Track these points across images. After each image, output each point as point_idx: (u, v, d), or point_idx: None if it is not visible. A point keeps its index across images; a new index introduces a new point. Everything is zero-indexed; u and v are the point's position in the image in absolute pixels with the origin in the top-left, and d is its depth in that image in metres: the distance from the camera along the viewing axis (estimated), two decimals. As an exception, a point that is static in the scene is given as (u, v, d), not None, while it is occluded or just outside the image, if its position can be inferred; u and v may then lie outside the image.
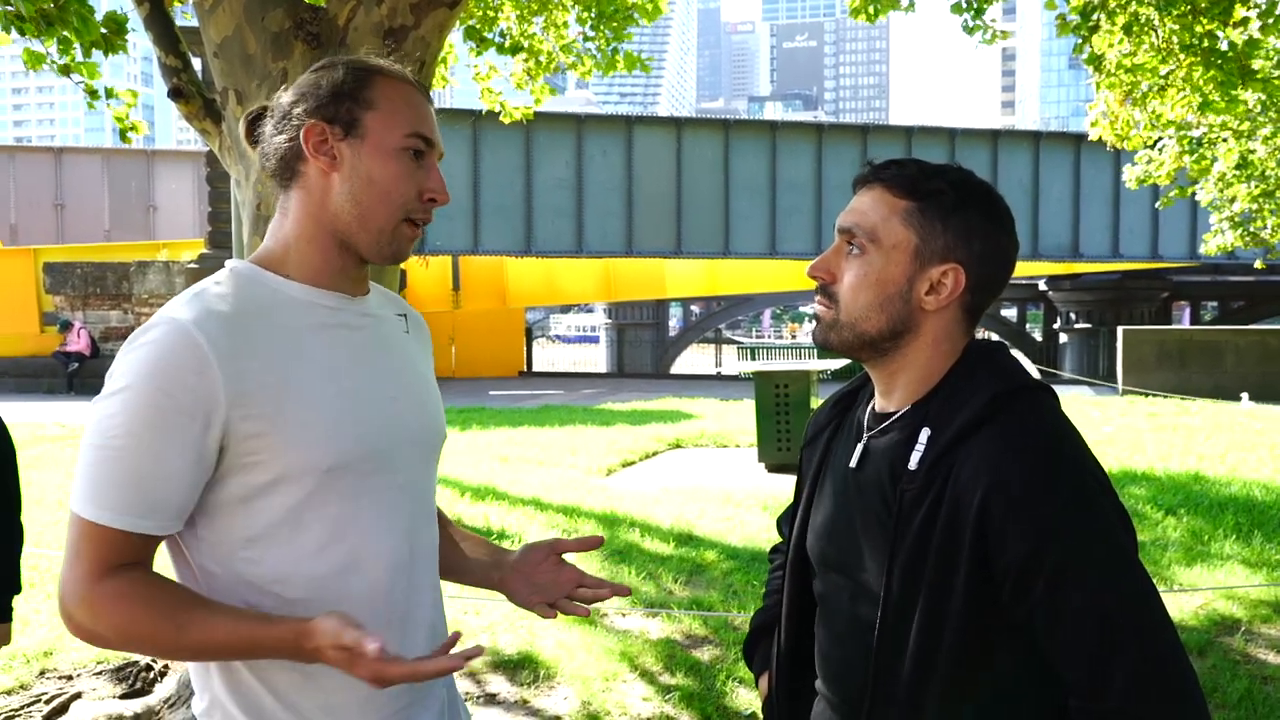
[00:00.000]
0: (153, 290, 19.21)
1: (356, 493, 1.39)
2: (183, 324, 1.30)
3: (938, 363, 1.41)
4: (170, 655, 1.36)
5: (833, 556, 1.49)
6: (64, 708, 4.01)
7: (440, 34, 3.66)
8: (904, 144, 22.34)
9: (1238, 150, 12.00)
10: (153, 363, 1.28)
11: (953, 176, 1.40)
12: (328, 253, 1.43)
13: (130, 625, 1.30)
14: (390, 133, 1.41)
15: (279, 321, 1.38)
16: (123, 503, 1.29)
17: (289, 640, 1.30)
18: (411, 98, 1.44)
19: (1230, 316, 38.08)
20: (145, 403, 1.28)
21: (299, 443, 1.34)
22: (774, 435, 9.71)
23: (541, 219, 20.95)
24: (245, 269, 1.42)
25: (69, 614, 1.31)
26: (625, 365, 38.04)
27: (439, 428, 1.57)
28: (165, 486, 1.30)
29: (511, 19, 8.05)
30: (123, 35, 4.61)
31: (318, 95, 1.41)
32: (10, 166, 31.00)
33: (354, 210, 1.40)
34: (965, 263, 1.38)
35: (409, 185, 1.42)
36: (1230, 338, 17.85)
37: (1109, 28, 7.92)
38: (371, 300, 1.51)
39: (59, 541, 6.60)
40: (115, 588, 1.30)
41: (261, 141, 1.46)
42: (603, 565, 6.00)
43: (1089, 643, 1.24)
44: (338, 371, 1.40)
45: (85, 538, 1.30)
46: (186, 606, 1.32)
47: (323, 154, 1.40)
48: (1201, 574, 5.80)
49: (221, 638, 1.30)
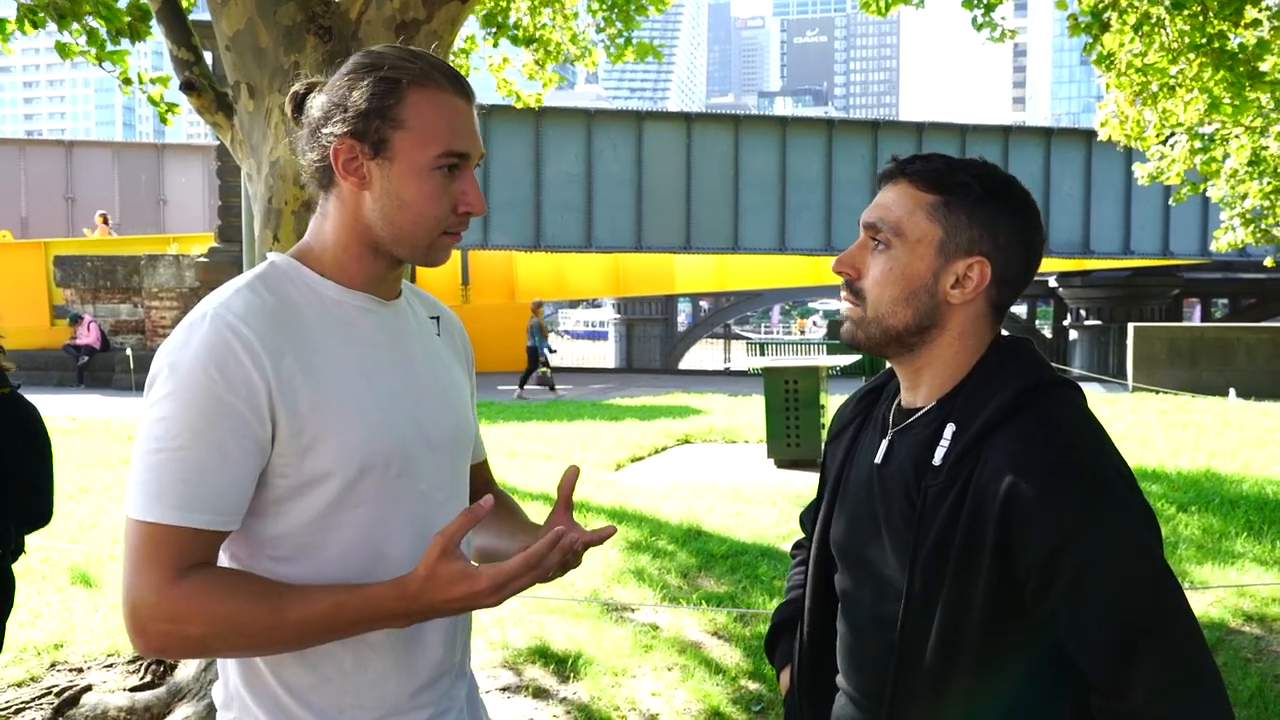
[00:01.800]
0: (162, 284, 19.24)
1: (381, 496, 1.38)
2: (228, 318, 1.30)
3: (963, 358, 1.41)
4: (268, 641, 1.30)
5: (856, 551, 1.48)
6: (75, 700, 4.02)
7: (452, 28, 3.66)
8: (914, 140, 22.30)
9: (1250, 146, 11.93)
10: (204, 356, 1.27)
11: (978, 170, 1.40)
12: (363, 260, 1.42)
13: (224, 616, 1.26)
14: (421, 153, 1.36)
15: (315, 319, 1.38)
16: (190, 500, 1.26)
17: (390, 597, 1.28)
18: (445, 109, 1.37)
19: (1241, 314, 37.91)
20: (201, 396, 1.26)
21: (332, 443, 1.33)
22: (783, 431, 9.70)
23: (551, 214, 20.95)
24: (286, 264, 1.42)
25: (143, 627, 1.26)
26: (634, 361, 38.02)
27: (465, 432, 1.55)
28: (228, 479, 1.28)
29: (523, 10, 8.06)
30: (148, 22, 4.67)
31: (345, 113, 1.36)
32: (21, 159, 31.08)
33: (388, 229, 1.39)
34: (991, 255, 1.38)
35: (442, 204, 1.38)
36: (1241, 335, 17.79)
37: (1119, 27, 7.89)
38: (403, 303, 1.50)
39: (69, 533, 6.62)
40: (195, 585, 1.27)
41: (297, 134, 1.44)
42: (614, 559, 6.00)
43: (1111, 641, 1.23)
44: (368, 373, 1.39)
45: (152, 543, 1.26)
46: (276, 587, 1.30)
47: (352, 173, 1.38)
48: (1213, 571, 5.78)
49: (324, 609, 1.28)
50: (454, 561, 1.26)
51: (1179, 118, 9.46)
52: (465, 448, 1.55)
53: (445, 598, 1.26)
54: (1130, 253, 23.35)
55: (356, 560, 1.37)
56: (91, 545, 6.37)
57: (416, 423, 1.42)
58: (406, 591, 1.27)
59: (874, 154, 21.93)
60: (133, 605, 1.26)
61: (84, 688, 4.11)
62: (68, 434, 11.15)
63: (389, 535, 1.39)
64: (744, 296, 41.03)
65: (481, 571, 1.26)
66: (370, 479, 1.36)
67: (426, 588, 1.26)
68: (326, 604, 1.28)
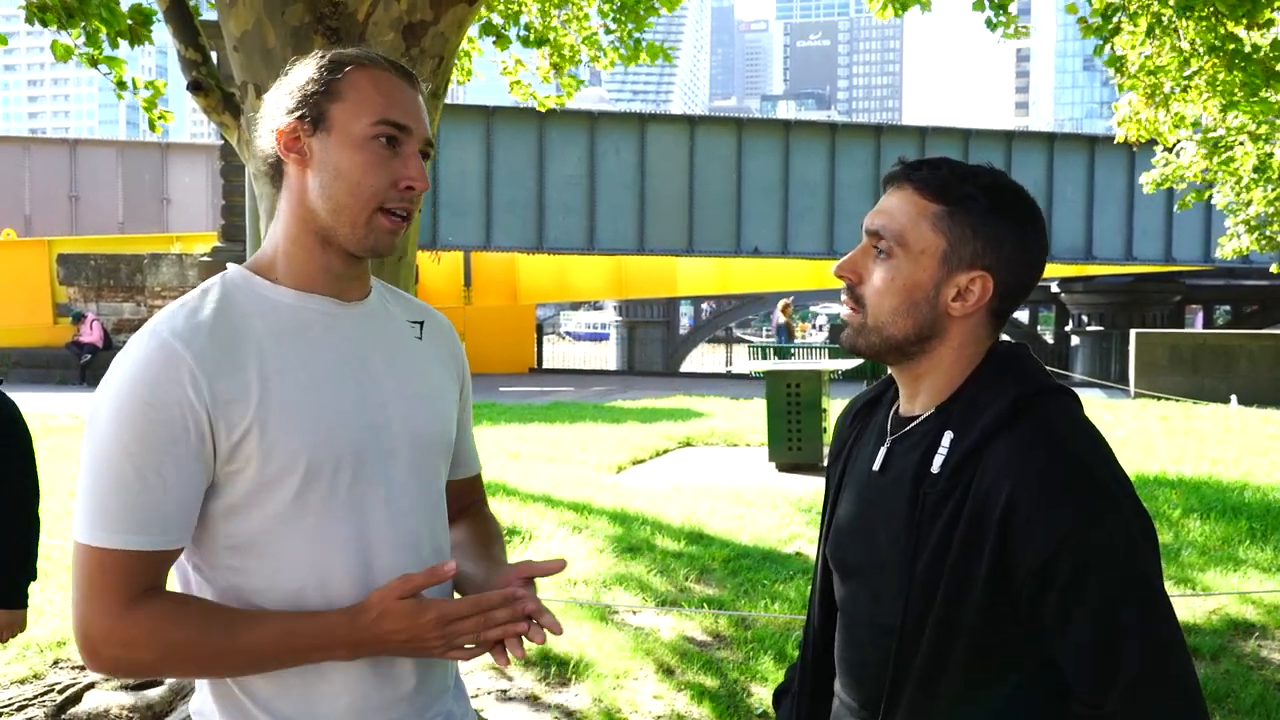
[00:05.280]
0: (165, 283, 19.28)
1: (335, 502, 1.36)
2: (163, 336, 1.30)
3: (962, 366, 1.40)
4: (220, 666, 1.33)
5: (854, 561, 1.48)
6: (77, 697, 4.03)
7: (459, 29, 3.66)
8: (918, 144, 22.30)
9: (1255, 153, 11.92)
10: (137, 377, 1.28)
11: (985, 180, 1.38)
12: (312, 252, 1.40)
13: (175, 643, 1.28)
14: (356, 122, 1.36)
15: (263, 328, 1.36)
16: (130, 522, 1.27)
17: (343, 625, 1.30)
18: (384, 84, 1.39)
19: (1244, 321, 37.89)
20: (135, 417, 1.27)
21: (277, 450, 1.32)
22: (785, 435, 9.69)
23: (553, 216, 20.95)
24: (236, 275, 1.41)
25: (95, 651, 1.28)
26: (635, 363, 38.00)
27: (439, 438, 1.51)
28: (169, 499, 1.29)
29: (534, 12, 8.06)
30: (149, 26, 4.66)
31: (289, 93, 1.39)
32: (25, 158, 31.15)
33: (327, 205, 1.37)
34: (994, 269, 1.37)
35: (380, 175, 1.37)
36: (1244, 342, 17.75)
37: (1131, 29, 7.88)
38: (371, 304, 1.48)
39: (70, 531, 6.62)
40: (151, 611, 1.28)
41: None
42: (615, 562, 6.00)
43: (1095, 650, 1.24)
44: (317, 379, 1.37)
45: (101, 568, 1.27)
46: (228, 614, 1.32)
47: (294, 151, 1.38)
48: (1216, 578, 5.77)
49: (274, 635, 1.30)
50: (409, 600, 1.30)
51: (1192, 118, 9.44)
52: (436, 454, 1.51)
53: (394, 629, 1.30)
54: (1133, 258, 23.32)
55: (311, 564, 1.36)
56: (93, 544, 6.36)
57: (372, 427, 1.40)
58: (357, 622, 1.30)
59: (877, 158, 21.93)
60: (84, 629, 1.28)
61: (86, 685, 4.12)
62: (70, 432, 11.15)
63: (345, 539, 1.38)
64: (746, 300, 41.04)
65: (431, 603, 1.30)
66: (320, 484, 1.35)
67: (379, 620, 1.29)
68: (277, 630, 1.30)
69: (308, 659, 1.33)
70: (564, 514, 7.24)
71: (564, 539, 6.54)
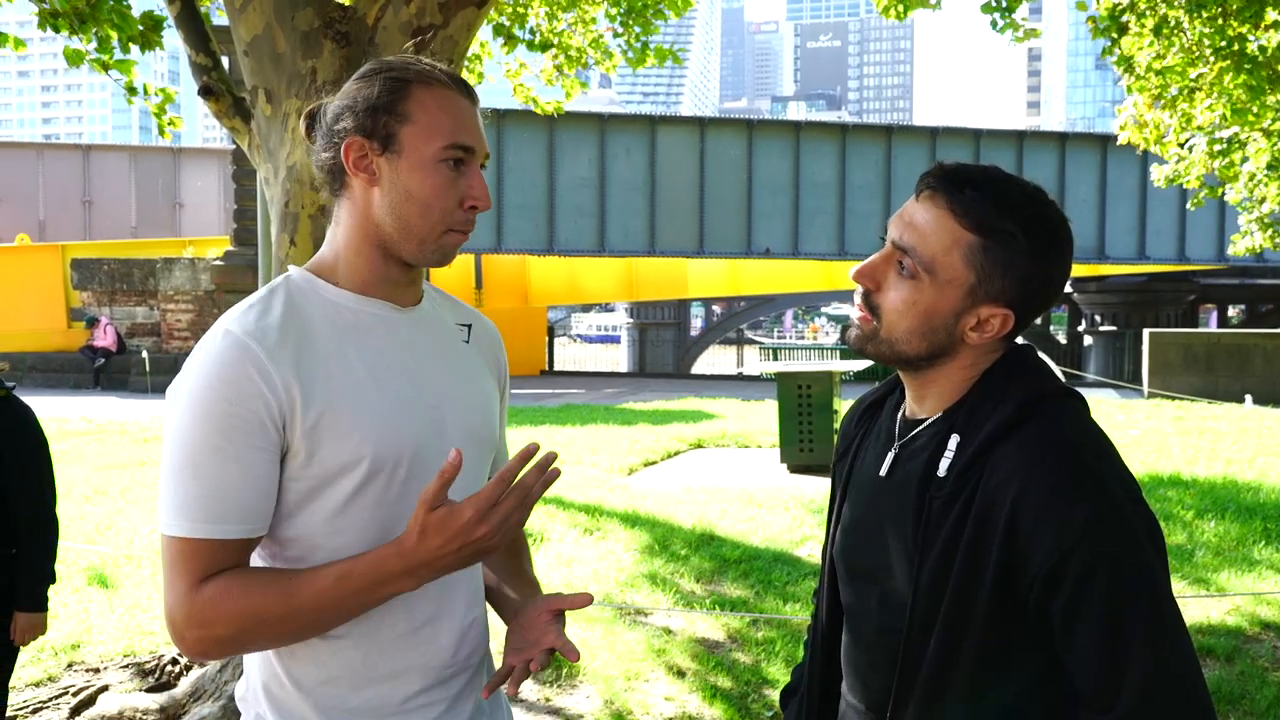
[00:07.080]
0: (178, 286, 19.35)
1: (392, 497, 1.41)
2: (236, 335, 1.35)
3: (971, 374, 1.40)
4: (290, 628, 1.36)
5: (861, 564, 1.48)
6: (91, 700, 4.05)
7: (468, 33, 3.67)
8: (929, 145, 22.25)
9: (1269, 150, 11.85)
10: (214, 374, 1.33)
11: (1027, 214, 1.33)
12: (374, 262, 1.45)
13: (242, 613, 1.32)
14: (427, 146, 1.40)
15: (327, 329, 1.41)
16: (210, 512, 1.32)
17: (391, 555, 1.32)
18: (450, 105, 1.43)
19: (1258, 320, 37.67)
20: (215, 412, 1.32)
21: (340, 447, 1.37)
22: (796, 436, 9.68)
23: (564, 218, 20.97)
24: (300, 277, 1.46)
25: (181, 635, 1.34)
26: (646, 365, 38.04)
27: (486, 439, 1.56)
28: (250, 488, 1.34)
29: (541, 15, 8.06)
30: (159, 32, 4.69)
31: (355, 110, 1.42)
32: (39, 163, 31.33)
33: (396, 224, 1.42)
34: (1017, 305, 1.36)
35: (448, 196, 1.42)
36: (1258, 341, 17.63)
37: (1138, 30, 7.86)
38: (424, 309, 1.53)
39: (85, 535, 6.66)
40: (213, 589, 1.33)
41: (313, 150, 1.49)
42: (627, 564, 6.00)
43: (1102, 654, 1.23)
44: (378, 379, 1.42)
45: (180, 556, 1.33)
46: (285, 574, 1.36)
47: (362, 170, 1.42)
48: (1231, 578, 5.74)
49: (330, 583, 1.33)
50: (441, 510, 1.30)
51: (1198, 121, 9.41)
52: (484, 452, 1.57)
53: (440, 542, 1.30)
54: (1146, 258, 23.22)
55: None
56: (108, 546, 6.40)
57: (429, 426, 1.45)
58: (404, 548, 1.31)
59: (888, 159, 21.89)
60: (170, 617, 1.34)
61: (100, 688, 4.14)
62: (84, 436, 11.21)
63: (398, 535, 1.40)
64: (757, 301, 41.04)
65: (463, 503, 1.30)
66: (379, 480, 1.40)
67: (422, 538, 1.30)
68: (331, 578, 1.33)
69: (371, 599, 1.35)
70: (576, 516, 7.25)
71: (576, 541, 6.55)
